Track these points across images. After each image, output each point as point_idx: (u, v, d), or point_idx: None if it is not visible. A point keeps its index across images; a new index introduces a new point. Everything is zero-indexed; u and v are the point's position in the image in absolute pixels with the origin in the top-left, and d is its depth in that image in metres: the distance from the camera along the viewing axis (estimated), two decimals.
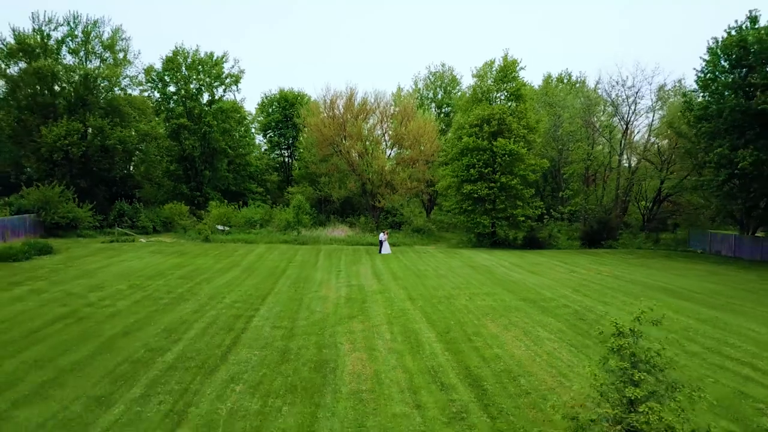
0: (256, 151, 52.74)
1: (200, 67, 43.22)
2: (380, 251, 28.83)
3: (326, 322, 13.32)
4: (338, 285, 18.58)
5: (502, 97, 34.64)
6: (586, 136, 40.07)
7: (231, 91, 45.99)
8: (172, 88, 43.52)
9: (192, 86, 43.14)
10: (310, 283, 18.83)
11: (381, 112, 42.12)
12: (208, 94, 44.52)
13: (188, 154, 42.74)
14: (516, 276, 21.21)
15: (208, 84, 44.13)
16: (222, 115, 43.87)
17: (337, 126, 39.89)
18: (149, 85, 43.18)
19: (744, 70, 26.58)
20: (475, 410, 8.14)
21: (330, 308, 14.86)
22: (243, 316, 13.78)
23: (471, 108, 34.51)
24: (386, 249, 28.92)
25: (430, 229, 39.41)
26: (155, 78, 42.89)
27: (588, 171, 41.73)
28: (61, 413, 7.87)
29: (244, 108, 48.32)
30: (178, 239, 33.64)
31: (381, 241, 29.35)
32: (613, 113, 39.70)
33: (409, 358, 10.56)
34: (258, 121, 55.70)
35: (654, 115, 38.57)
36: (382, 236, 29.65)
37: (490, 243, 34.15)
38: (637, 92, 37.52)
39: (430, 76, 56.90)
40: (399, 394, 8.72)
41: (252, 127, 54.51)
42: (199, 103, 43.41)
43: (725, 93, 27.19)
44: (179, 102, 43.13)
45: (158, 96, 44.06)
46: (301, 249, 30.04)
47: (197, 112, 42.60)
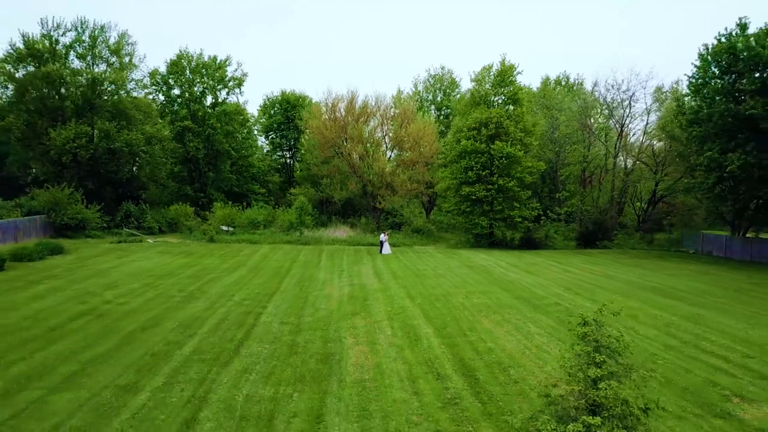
0: (258, 153, 53.55)
1: (204, 71, 44.12)
2: (381, 251, 29.60)
3: (330, 318, 14.18)
4: (341, 284, 19.45)
5: (500, 101, 35.46)
6: (582, 138, 40.92)
7: (234, 94, 46.93)
8: (176, 91, 44.49)
9: (196, 89, 44.10)
10: (314, 282, 19.70)
11: (381, 115, 42.95)
12: (211, 97, 45.46)
13: (192, 156, 43.65)
14: (512, 276, 22.05)
15: (212, 87, 45.07)
16: (225, 118, 44.77)
17: (339, 128, 40.72)
18: (154, 87, 44.19)
19: (733, 76, 27.38)
20: (468, 396, 8.99)
21: (334, 305, 15.73)
22: (252, 312, 14.64)
23: (469, 111, 35.35)
24: (387, 249, 29.68)
25: (430, 229, 40.23)
26: (159, 81, 43.88)
27: (584, 173, 42.59)
28: (93, 399, 8.71)
29: (246, 110, 49.25)
30: (183, 240, 34.50)
31: (382, 242, 30.12)
32: (608, 116, 40.54)
33: (408, 351, 11.41)
34: (260, 122, 56.50)
35: (648, 117, 39.48)
36: (382, 237, 30.43)
37: (488, 243, 34.99)
38: (631, 96, 38.43)
39: (430, 78, 57.83)
40: (399, 382, 9.57)
41: (254, 129, 55.35)
42: (203, 106, 44.34)
43: (716, 98, 27.97)
44: (183, 105, 44.03)
45: (162, 99, 45.03)
46: (304, 249, 30.87)
47: (201, 114, 43.49)
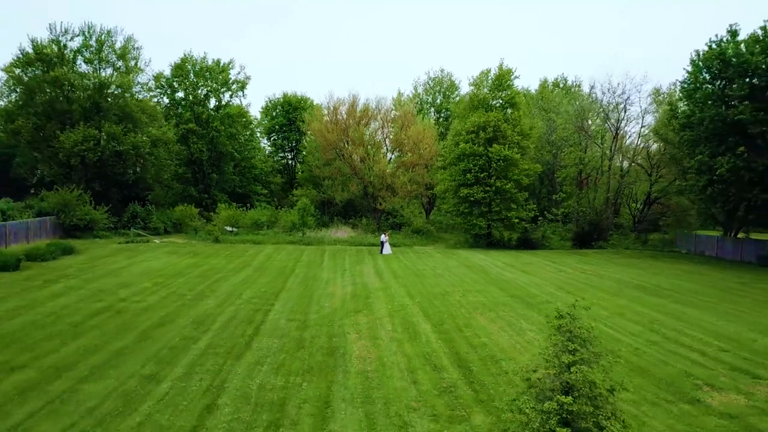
0: (260, 154, 54.44)
1: (208, 74, 45.02)
2: (381, 252, 30.42)
3: (335, 315, 15.05)
4: (344, 283, 20.31)
5: (498, 105, 36.28)
6: (579, 141, 41.74)
7: (237, 97, 47.84)
8: (180, 94, 45.41)
9: (200, 92, 45.00)
10: (318, 281, 20.57)
11: (382, 118, 43.85)
12: (215, 100, 46.39)
13: (196, 158, 44.56)
14: (508, 275, 22.91)
15: (215, 90, 45.98)
16: (229, 120, 45.70)
17: (340, 131, 41.60)
18: (158, 91, 45.07)
19: (723, 81, 28.21)
20: (462, 386, 9.85)
21: (337, 303, 16.59)
22: (260, 310, 15.51)
23: (468, 115, 36.17)
24: (387, 249, 30.48)
25: (429, 230, 41.07)
26: (164, 84, 44.78)
27: (581, 174, 43.39)
28: (120, 387, 9.57)
29: (249, 113, 50.13)
30: (189, 240, 35.36)
31: (382, 242, 30.94)
32: (605, 119, 41.35)
33: (407, 345, 12.27)
34: (262, 124, 57.38)
35: (643, 120, 40.30)
36: (383, 237, 31.26)
37: (486, 244, 35.85)
38: (626, 99, 39.24)
39: (430, 81, 58.71)
40: (399, 373, 10.43)
41: (257, 131, 56.20)
42: (207, 109, 45.24)
43: (707, 103, 28.78)
44: (187, 107, 44.93)
45: (167, 101, 45.92)
46: (307, 249, 31.73)
47: (205, 117, 44.38)
